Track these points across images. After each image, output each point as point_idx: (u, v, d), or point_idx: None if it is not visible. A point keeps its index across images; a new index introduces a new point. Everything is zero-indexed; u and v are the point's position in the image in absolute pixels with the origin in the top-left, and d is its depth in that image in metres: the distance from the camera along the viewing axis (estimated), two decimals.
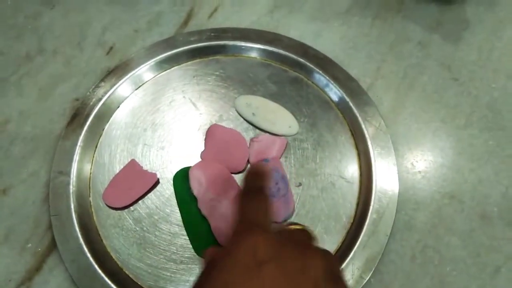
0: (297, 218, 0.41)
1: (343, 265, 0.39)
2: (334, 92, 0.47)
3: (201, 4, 0.54)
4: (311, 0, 0.54)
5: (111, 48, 0.51)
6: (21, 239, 0.42)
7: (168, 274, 0.39)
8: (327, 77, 0.47)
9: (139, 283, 0.39)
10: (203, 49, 0.50)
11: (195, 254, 0.40)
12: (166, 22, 0.53)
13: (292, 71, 0.49)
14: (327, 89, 0.47)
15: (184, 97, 0.47)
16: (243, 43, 0.49)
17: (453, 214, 0.43)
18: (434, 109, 0.47)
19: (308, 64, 0.48)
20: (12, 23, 0.53)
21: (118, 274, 0.39)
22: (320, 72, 0.48)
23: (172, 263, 0.40)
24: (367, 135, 0.44)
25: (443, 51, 0.51)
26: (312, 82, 0.48)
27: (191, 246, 0.40)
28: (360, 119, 0.45)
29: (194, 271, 0.39)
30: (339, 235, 0.41)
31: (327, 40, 0.51)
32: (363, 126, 0.45)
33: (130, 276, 0.39)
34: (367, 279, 0.38)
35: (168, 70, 0.49)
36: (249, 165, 0.43)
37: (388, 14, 0.53)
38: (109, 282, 0.38)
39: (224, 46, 0.50)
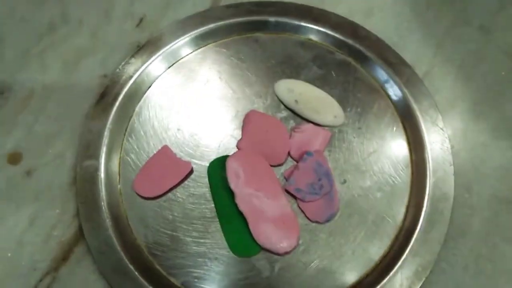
0: (341, 218, 0.38)
1: (391, 274, 0.36)
2: (386, 80, 0.42)
3: None
4: None
5: (141, 19, 0.47)
6: (46, 225, 0.39)
7: (202, 271, 0.37)
8: (379, 62, 0.43)
9: (171, 280, 0.36)
10: (242, 24, 0.45)
11: (229, 251, 0.37)
12: None
13: (340, 53, 0.44)
14: (378, 76, 0.43)
15: (220, 78, 0.43)
16: (286, 19, 0.45)
17: (510, 221, 0.39)
18: (495, 103, 0.43)
19: (358, 46, 0.44)
20: None
21: (149, 270, 0.37)
22: (371, 55, 0.43)
23: (206, 259, 0.37)
24: (421, 130, 0.40)
25: (507, 37, 0.46)
26: (361, 67, 0.44)
27: (226, 243, 0.38)
28: (414, 111, 0.41)
29: (228, 269, 0.37)
30: (387, 239, 0.38)
31: (379, 19, 0.47)
32: (417, 119, 0.41)
33: (162, 272, 0.37)
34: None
35: (203, 48, 0.45)
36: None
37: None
38: (140, 277, 0.36)
39: (264, 23, 0.45)
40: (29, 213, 0.40)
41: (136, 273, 0.36)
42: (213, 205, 0.39)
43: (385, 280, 0.35)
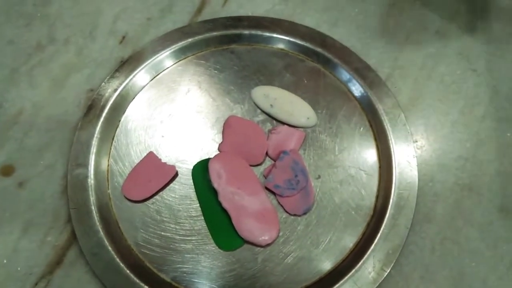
0: (317, 210, 0.41)
1: (364, 258, 0.39)
2: (353, 83, 0.46)
3: None
4: None
5: (123, 37, 0.50)
6: (40, 232, 0.41)
7: (190, 266, 0.39)
8: (345, 68, 0.47)
9: (162, 276, 0.39)
10: (218, 38, 0.49)
11: (215, 246, 0.40)
12: (179, 10, 0.52)
13: (310, 61, 0.48)
14: (345, 80, 0.47)
15: (200, 87, 0.47)
16: (259, 32, 0.49)
17: (471, 206, 0.43)
18: (452, 100, 0.47)
19: (326, 54, 0.47)
20: (20, 11, 0.52)
21: (140, 267, 0.39)
22: (338, 62, 0.47)
23: (194, 255, 0.40)
24: (386, 127, 0.44)
25: (461, 41, 0.50)
26: (330, 73, 0.47)
27: (211, 238, 0.40)
28: (379, 110, 0.45)
29: (215, 262, 0.39)
30: (359, 227, 0.41)
31: (343, 29, 0.50)
32: (382, 118, 0.44)
33: (153, 269, 0.39)
34: (388, 271, 0.39)
35: (183, 60, 0.48)
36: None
37: (405, 2, 0.52)
38: (131, 275, 0.38)
39: (239, 35, 0.49)
40: (23, 221, 0.42)
41: (128, 271, 0.38)
42: (198, 204, 0.41)
43: (359, 264, 0.39)
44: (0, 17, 0.51)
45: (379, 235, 0.40)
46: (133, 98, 0.46)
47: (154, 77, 0.47)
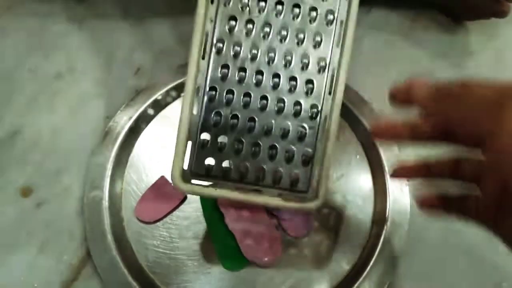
0: (316, 233, 0.44)
1: (360, 280, 0.42)
2: (348, 115, 0.50)
3: None
4: None
5: (138, 68, 0.54)
6: (56, 251, 0.44)
7: (198, 285, 0.42)
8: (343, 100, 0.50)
9: None
10: None
11: (221, 266, 0.43)
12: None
13: None
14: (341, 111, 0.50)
15: None
16: None
17: (460, 230, 0.46)
18: None
19: None
20: (41, 41, 0.56)
21: (150, 285, 0.42)
22: None
23: (201, 275, 0.42)
24: (380, 155, 0.47)
25: (449, 77, 0.54)
26: None
27: (217, 258, 0.43)
28: (374, 143, 0.48)
29: (220, 282, 0.42)
30: (356, 250, 0.44)
31: None
32: (376, 146, 0.48)
33: (162, 287, 0.42)
34: None
35: None
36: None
37: (398, 40, 0.57)
38: None
39: None
40: (40, 240, 0.45)
41: None
42: (205, 225, 0.44)
43: (355, 286, 0.41)
44: (21, 49, 0.55)
45: (374, 258, 0.42)
46: (147, 125, 0.49)
47: (167, 106, 0.50)
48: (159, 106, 0.50)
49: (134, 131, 0.49)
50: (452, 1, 0.56)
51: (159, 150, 0.48)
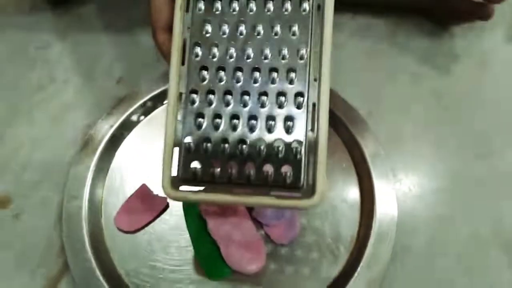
0: (303, 238, 0.43)
1: (349, 284, 0.40)
2: (334, 120, 0.49)
3: None
4: None
5: (120, 78, 0.54)
6: (32, 263, 0.43)
7: None
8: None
9: None
10: None
11: (204, 275, 0.41)
12: None
13: None
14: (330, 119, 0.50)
15: None
16: None
17: (448, 236, 0.45)
18: (427, 137, 0.50)
19: None
20: (23, 53, 0.56)
21: None
22: None
23: (183, 285, 0.41)
24: (367, 161, 0.47)
25: (434, 82, 0.54)
26: None
27: (201, 268, 0.42)
28: (360, 145, 0.47)
29: None
30: (343, 256, 0.43)
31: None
32: (363, 152, 0.47)
33: None
34: None
35: None
36: None
37: (383, 47, 0.57)
38: None
39: None
40: (16, 252, 0.43)
41: None
42: (187, 234, 0.43)
43: None
44: (3, 60, 0.55)
45: (361, 263, 0.41)
46: (128, 134, 0.48)
47: (149, 114, 0.50)
48: (140, 114, 0.50)
49: (115, 140, 0.48)
50: (436, 6, 0.56)
51: (141, 158, 0.47)
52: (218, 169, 0.32)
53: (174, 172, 0.34)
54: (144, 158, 0.47)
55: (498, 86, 0.54)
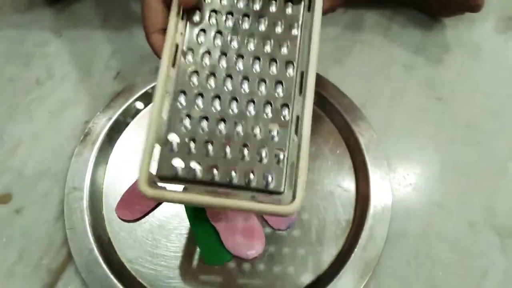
0: (300, 223, 0.44)
1: (344, 268, 0.41)
2: (330, 109, 0.50)
3: None
4: None
5: (118, 73, 0.54)
6: (35, 256, 0.43)
7: (180, 282, 0.41)
8: (323, 94, 0.51)
9: None
10: None
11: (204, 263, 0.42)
12: None
13: None
14: (324, 106, 0.51)
15: None
16: None
17: (442, 222, 0.46)
18: (420, 126, 0.51)
19: None
20: (21, 51, 0.56)
21: (133, 284, 0.41)
22: (317, 90, 0.51)
23: (185, 272, 0.42)
24: (361, 148, 0.48)
25: (426, 73, 0.55)
26: None
27: (201, 255, 0.43)
28: (354, 132, 0.49)
29: (203, 280, 0.42)
30: (339, 239, 0.44)
31: (322, 65, 0.55)
32: (357, 139, 0.48)
33: (145, 284, 0.41)
34: (366, 280, 0.41)
35: None
36: None
37: (376, 39, 0.58)
38: None
39: None
40: (19, 247, 0.44)
41: (122, 287, 0.40)
42: (187, 222, 0.44)
43: (339, 274, 0.41)
44: (1, 58, 0.56)
45: (357, 245, 0.42)
46: (127, 126, 0.49)
47: (147, 105, 0.50)
48: (140, 104, 0.51)
49: (115, 131, 0.49)
50: None
51: (139, 149, 0.48)
52: (200, 169, 0.32)
53: (154, 170, 0.34)
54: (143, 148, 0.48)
55: (488, 75, 0.55)
